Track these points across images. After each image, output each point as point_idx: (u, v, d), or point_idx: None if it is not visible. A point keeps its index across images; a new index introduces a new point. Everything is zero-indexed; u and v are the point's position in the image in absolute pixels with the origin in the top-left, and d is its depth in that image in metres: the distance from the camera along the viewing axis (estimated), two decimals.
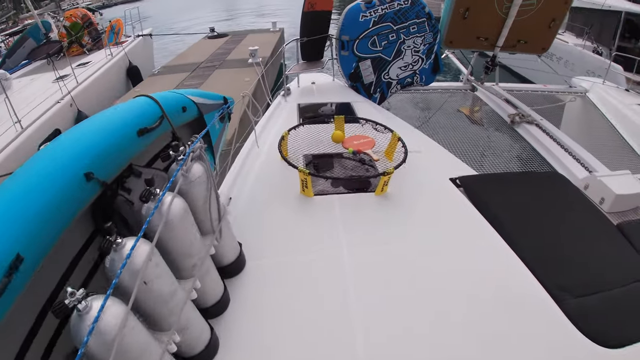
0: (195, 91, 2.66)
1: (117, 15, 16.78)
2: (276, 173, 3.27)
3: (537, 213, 3.28)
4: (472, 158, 5.12)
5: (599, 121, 7.04)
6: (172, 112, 2.21)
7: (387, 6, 5.19)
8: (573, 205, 3.46)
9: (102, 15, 27.48)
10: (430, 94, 6.81)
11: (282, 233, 2.80)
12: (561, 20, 6.39)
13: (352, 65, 5.32)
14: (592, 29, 12.32)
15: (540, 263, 2.75)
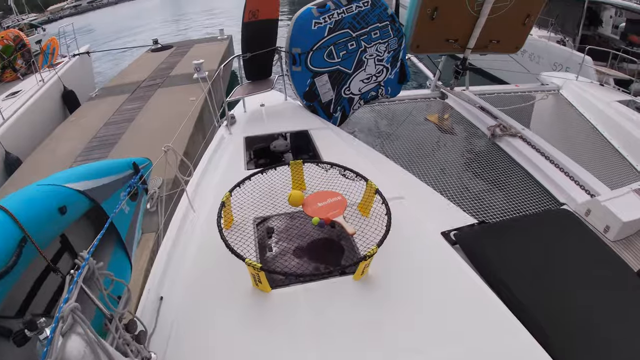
0: (87, 169, 1.85)
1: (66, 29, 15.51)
2: (220, 254, 2.42)
3: (554, 274, 2.75)
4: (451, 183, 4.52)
5: (575, 120, 6.72)
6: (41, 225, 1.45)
7: (343, 10, 4.42)
8: (590, 255, 2.97)
9: (45, 31, 25.46)
10: (395, 104, 6.11)
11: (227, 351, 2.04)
12: (536, 16, 5.88)
13: (307, 82, 4.53)
14: (557, 19, 12.15)
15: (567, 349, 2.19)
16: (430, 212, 3.26)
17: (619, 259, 3.02)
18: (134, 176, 2.12)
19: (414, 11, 4.96)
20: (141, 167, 2.20)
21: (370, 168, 3.44)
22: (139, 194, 2.17)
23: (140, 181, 2.13)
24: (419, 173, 4.59)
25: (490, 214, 4.06)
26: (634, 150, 5.79)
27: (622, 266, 2.94)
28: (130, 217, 2.10)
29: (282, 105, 4.87)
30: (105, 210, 1.82)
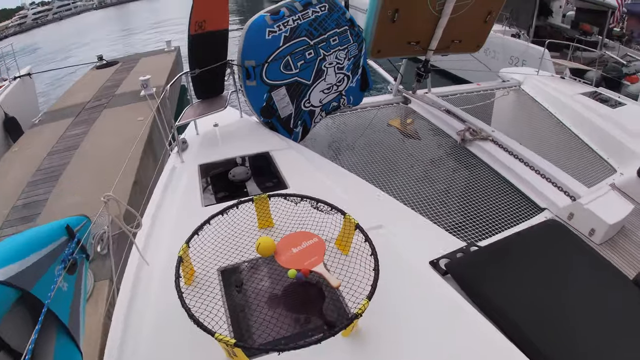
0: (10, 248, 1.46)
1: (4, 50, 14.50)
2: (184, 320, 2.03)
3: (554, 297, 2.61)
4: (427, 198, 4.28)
5: (540, 115, 6.71)
6: None
7: (299, 16, 4.09)
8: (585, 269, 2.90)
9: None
10: (358, 113, 5.82)
11: None
12: (498, 13, 5.75)
13: (263, 97, 4.17)
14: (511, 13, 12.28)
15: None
16: (412, 238, 3.00)
17: (615, 269, 2.95)
18: (70, 242, 1.74)
19: (373, 14, 4.67)
20: (77, 230, 1.82)
21: (341, 193, 3.18)
22: (78, 264, 1.79)
23: (77, 248, 1.75)
24: (392, 188, 4.32)
25: (473, 229, 3.83)
26: (602, 143, 5.76)
27: (619, 276, 2.88)
28: (71, 295, 1.71)
29: (238, 123, 4.49)
30: (38, 295, 1.45)
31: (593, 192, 4.27)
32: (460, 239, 3.41)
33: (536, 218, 4.04)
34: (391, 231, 2.85)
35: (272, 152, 3.77)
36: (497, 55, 11.56)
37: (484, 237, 3.70)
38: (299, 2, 4.17)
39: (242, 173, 3.37)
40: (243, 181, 3.31)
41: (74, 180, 7.57)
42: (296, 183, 3.32)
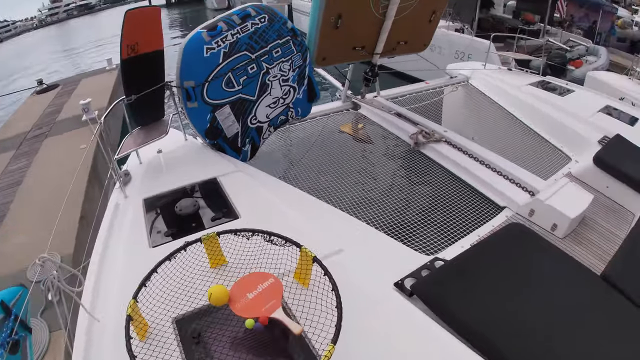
0: None
1: None
2: None
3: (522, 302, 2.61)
4: (384, 209, 4.19)
5: (490, 109, 6.76)
6: None
7: (238, 30, 3.92)
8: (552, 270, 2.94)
9: None
10: (306, 123, 5.67)
11: None
12: (442, 11, 5.75)
13: (207, 117, 3.98)
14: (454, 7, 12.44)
15: None
16: (374, 258, 2.88)
17: (582, 267, 3.01)
18: (7, 321, 1.54)
19: (316, 22, 4.53)
20: (13, 304, 1.60)
21: (296, 216, 3.05)
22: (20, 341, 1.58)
23: (17, 324, 1.54)
24: (348, 203, 4.21)
25: (436, 238, 3.73)
26: (555, 132, 5.81)
27: (587, 274, 2.96)
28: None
29: (183, 147, 4.26)
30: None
31: (551, 185, 4.26)
32: (423, 252, 3.33)
33: (497, 218, 3.99)
34: (352, 255, 2.72)
35: (220, 178, 3.58)
36: (443, 51, 11.67)
37: (447, 244, 3.62)
38: (237, 15, 3.99)
39: (189, 206, 3.18)
40: (191, 214, 3.12)
41: (19, 219, 7.19)
42: (248, 210, 3.15)
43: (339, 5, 4.52)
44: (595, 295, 2.81)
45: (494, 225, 3.85)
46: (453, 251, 3.41)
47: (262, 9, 4.18)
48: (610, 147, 5.01)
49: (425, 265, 2.87)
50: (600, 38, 19.40)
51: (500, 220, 3.94)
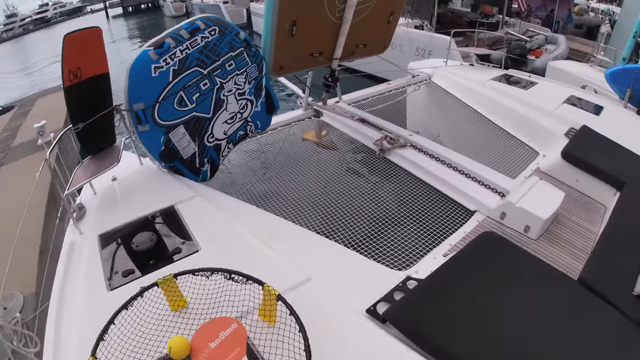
0: None
1: None
2: None
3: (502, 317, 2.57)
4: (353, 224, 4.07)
5: (454, 106, 6.74)
6: None
7: (187, 45, 3.73)
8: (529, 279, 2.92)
9: None
10: (267, 135, 5.47)
11: None
12: (400, 12, 5.67)
13: (160, 140, 3.77)
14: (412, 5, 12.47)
15: None
16: (344, 283, 2.76)
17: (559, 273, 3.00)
18: None
19: (270, 30, 4.37)
20: None
21: (259, 244, 2.93)
22: None
23: None
24: (314, 219, 4.09)
25: (407, 251, 3.63)
26: (520, 127, 5.80)
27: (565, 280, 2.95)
28: None
29: (138, 172, 4.03)
30: None
31: (521, 184, 4.21)
32: (395, 267, 3.25)
33: (468, 224, 3.91)
34: (320, 282, 2.61)
35: (177, 205, 3.40)
36: (404, 49, 11.68)
37: (419, 256, 3.52)
38: (185, 30, 3.79)
39: (145, 241, 2.99)
40: (149, 250, 2.95)
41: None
42: (208, 241, 3.00)
43: (293, 11, 4.37)
44: (575, 302, 2.76)
45: (465, 232, 3.77)
46: (426, 264, 3.30)
47: (211, 20, 3.99)
48: (578, 140, 4.99)
49: (398, 287, 2.76)
50: (558, 26, 19.76)
51: (472, 226, 3.86)
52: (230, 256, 2.55)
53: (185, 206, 3.42)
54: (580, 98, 6.47)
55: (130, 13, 57.27)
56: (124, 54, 27.59)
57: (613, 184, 4.38)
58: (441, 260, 3.34)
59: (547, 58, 13.48)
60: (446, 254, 3.47)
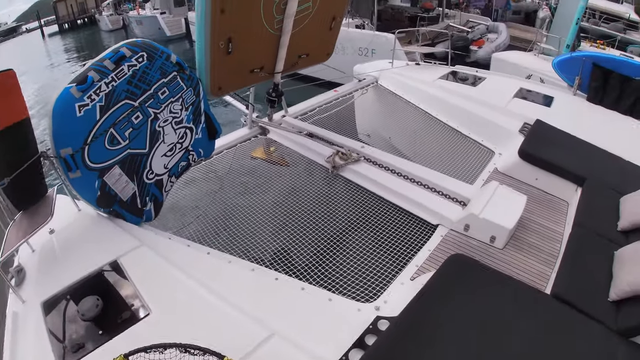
0: None
1: None
2: None
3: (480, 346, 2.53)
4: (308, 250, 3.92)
5: (403, 109, 6.71)
6: None
7: (112, 77, 3.40)
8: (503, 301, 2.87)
9: None
10: (212, 160, 5.18)
11: None
12: (342, 17, 5.51)
13: (94, 185, 3.44)
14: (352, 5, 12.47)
15: None
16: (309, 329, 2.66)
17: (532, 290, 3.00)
18: None
19: (204, 50, 4.09)
20: None
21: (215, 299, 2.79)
22: None
23: None
24: (269, 252, 3.92)
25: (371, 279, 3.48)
26: (473, 126, 5.78)
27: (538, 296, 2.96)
28: None
29: (77, 222, 3.71)
30: None
31: (482, 191, 4.16)
32: (361, 299, 3.15)
33: (432, 240, 3.81)
34: (285, 336, 2.49)
35: (121, 259, 3.14)
36: (346, 50, 11.66)
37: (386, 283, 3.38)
38: (110, 59, 3.43)
39: (91, 307, 2.74)
40: (96, 317, 2.69)
41: None
42: (159, 302, 2.79)
43: (227, 28, 4.10)
44: (554, 320, 2.72)
45: (430, 249, 3.67)
46: (394, 292, 3.17)
47: (138, 46, 3.63)
48: (533, 136, 4.99)
49: (369, 330, 2.63)
50: (497, 14, 20.27)
51: (436, 242, 3.77)
52: (184, 318, 2.38)
53: (130, 259, 3.18)
54: (529, 90, 6.54)
55: (67, 30, 55.43)
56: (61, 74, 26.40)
57: (573, 180, 4.40)
58: (409, 285, 3.24)
59: (489, 47, 13.75)
60: (414, 277, 3.36)
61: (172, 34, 27.95)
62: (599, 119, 5.97)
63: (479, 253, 3.65)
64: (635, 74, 6.25)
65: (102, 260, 3.19)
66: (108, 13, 42.26)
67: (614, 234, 3.67)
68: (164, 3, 29.88)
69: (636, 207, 3.80)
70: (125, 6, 39.05)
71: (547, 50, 10.73)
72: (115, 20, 40.28)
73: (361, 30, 12.41)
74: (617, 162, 4.73)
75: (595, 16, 21.25)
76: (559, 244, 3.80)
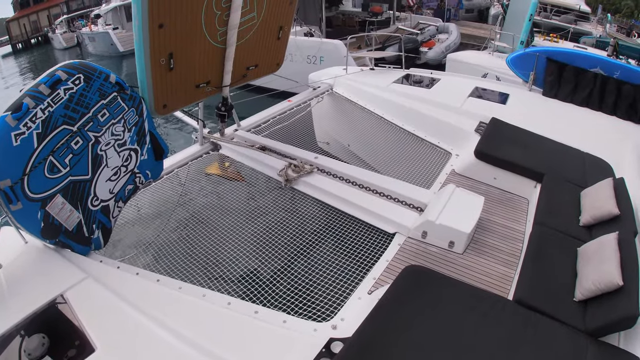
0: None
1: None
2: None
3: None
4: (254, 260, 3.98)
5: (359, 115, 6.79)
6: None
7: (48, 102, 3.34)
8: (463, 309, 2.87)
9: None
10: (162, 181, 5.06)
11: None
12: (290, 25, 5.54)
13: (37, 216, 3.38)
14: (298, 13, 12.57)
15: None
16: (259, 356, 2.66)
17: (493, 297, 2.99)
18: None
19: (144, 67, 4.06)
20: None
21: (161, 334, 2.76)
22: None
23: None
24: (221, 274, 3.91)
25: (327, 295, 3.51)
26: (429, 129, 5.87)
27: (500, 303, 2.93)
28: None
29: (24, 255, 3.64)
30: None
31: (438, 195, 4.19)
32: (317, 318, 3.16)
33: (389, 250, 3.82)
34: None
35: (67, 294, 3.09)
36: (294, 58, 11.77)
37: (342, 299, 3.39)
38: (45, 84, 3.37)
39: (37, 347, 2.68)
40: (43, 356, 2.63)
41: None
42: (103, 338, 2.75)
43: (167, 43, 4.08)
44: (518, 326, 2.73)
45: (388, 260, 3.68)
46: (351, 309, 3.17)
47: (74, 68, 3.56)
48: (489, 135, 5.07)
49: (321, 354, 2.62)
50: (450, 14, 20.76)
51: (394, 251, 3.78)
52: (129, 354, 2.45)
53: (75, 294, 3.13)
54: (485, 89, 6.66)
55: (20, 50, 54.39)
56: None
57: (532, 176, 4.48)
58: (367, 300, 3.24)
59: (439, 48, 14.10)
60: (371, 291, 3.36)
61: (125, 49, 27.52)
62: (555, 112, 6.16)
63: (438, 260, 3.66)
64: (589, 65, 6.50)
65: (48, 295, 3.13)
66: (62, 31, 41.61)
67: (577, 230, 3.72)
68: (116, 18, 30.04)
69: (597, 201, 3.85)
70: (79, 23, 38.47)
71: (501, 47, 11.01)
72: (69, 37, 39.59)
73: (309, 38, 12.52)
74: (576, 155, 4.85)
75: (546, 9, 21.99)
76: (521, 243, 3.85)
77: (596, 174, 4.35)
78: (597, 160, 4.75)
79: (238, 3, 4.43)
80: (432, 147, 5.63)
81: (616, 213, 3.60)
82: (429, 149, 5.64)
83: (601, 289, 2.81)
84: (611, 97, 6.27)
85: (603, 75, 6.39)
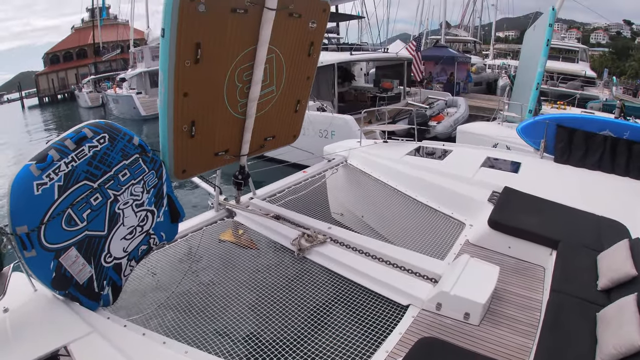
0: None
1: None
2: None
3: None
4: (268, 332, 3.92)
5: (373, 187, 6.81)
6: None
7: (72, 157, 3.49)
8: None
9: None
10: (176, 244, 5.10)
11: None
12: (307, 99, 5.74)
13: (50, 266, 3.43)
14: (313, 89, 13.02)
15: None
16: None
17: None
18: None
19: (167, 133, 4.23)
20: None
21: None
22: None
23: None
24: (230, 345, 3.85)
25: None
26: (442, 199, 5.89)
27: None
28: None
29: (31, 302, 3.64)
30: None
31: (452, 266, 4.16)
32: None
33: (403, 322, 3.76)
34: None
35: (71, 346, 3.09)
36: (307, 132, 12.01)
37: None
38: (71, 139, 3.53)
39: None
40: None
41: None
42: None
43: (190, 112, 4.27)
44: None
45: (401, 332, 3.61)
46: None
47: (100, 127, 3.74)
48: (502, 204, 5.08)
49: None
50: (459, 87, 21.28)
51: (407, 324, 3.71)
52: None
53: (80, 347, 3.13)
54: (496, 158, 6.74)
55: (47, 104, 56.46)
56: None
57: (547, 243, 4.42)
58: None
59: (448, 122, 14.36)
60: None
61: (146, 113, 28.30)
62: (568, 178, 6.20)
63: (453, 332, 3.58)
64: (598, 128, 6.59)
65: (52, 345, 3.13)
66: (88, 90, 43.23)
67: (595, 295, 3.63)
68: (140, 83, 31.20)
69: (614, 264, 3.77)
70: (104, 84, 39.77)
71: (510, 117, 11.18)
72: (94, 97, 40.97)
73: (321, 112, 12.86)
74: (591, 219, 4.82)
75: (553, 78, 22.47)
76: (539, 313, 3.76)
77: (612, 236, 4.30)
78: (612, 222, 4.72)
79: (259, 77, 4.64)
80: (446, 218, 5.65)
81: (634, 274, 3.51)
82: (442, 219, 5.66)
83: (622, 353, 2.71)
84: (622, 158, 6.32)
85: (612, 137, 6.46)
